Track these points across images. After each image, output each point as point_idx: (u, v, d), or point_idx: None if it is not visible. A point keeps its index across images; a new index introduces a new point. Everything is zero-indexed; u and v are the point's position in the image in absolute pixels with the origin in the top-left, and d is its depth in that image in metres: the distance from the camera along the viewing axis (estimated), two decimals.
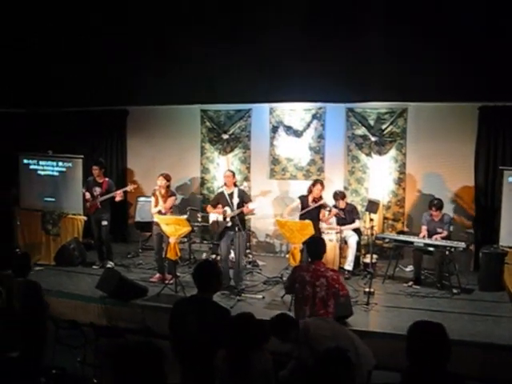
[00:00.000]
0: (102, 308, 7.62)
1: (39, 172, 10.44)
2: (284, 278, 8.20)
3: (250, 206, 8.30)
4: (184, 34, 9.37)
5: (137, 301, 7.58)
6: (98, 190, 9.17)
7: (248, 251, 9.66)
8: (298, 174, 10.44)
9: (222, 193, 8.36)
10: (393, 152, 9.87)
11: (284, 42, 8.55)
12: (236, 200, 8.16)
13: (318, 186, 8.53)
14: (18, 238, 10.31)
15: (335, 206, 8.88)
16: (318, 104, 10.11)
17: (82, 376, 5.59)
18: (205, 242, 10.25)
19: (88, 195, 9.20)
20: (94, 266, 9.32)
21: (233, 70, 9.19)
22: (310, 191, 8.59)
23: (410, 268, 9.04)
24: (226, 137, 10.74)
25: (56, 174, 10.27)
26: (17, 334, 5.33)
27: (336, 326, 4.93)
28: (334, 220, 9.12)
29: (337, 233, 8.91)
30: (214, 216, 8.33)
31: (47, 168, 10.37)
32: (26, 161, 10.55)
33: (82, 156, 10.09)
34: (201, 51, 9.24)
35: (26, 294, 5.44)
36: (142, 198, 10.42)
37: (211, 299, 4.18)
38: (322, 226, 8.89)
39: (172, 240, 7.83)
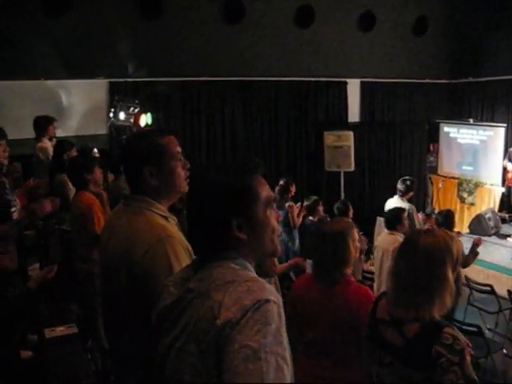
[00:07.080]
0: None
1: (459, 140, 10.50)
2: None
3: None
4: None
5: None
6: None
7: None
8: None
9: None
10: None
11: None
12: None
13: None
14: (432, 202, 10.75)
15: None
16: None
17: (492, 341, 5.49)
18: None
19: (510, 166, 8.80)
20: (509, 239, 8.94)
21: None
22: None
23: None
24: None
25: (476, 142, 10.15)
26: None
27: None
28: None
29: None
30: None
31: (467, 136, 10.34)
32: (446, 129, 10.76)
33: (505, 124, 9.71)
34: None
35: None
36: None
37: None
38: None
39: None
